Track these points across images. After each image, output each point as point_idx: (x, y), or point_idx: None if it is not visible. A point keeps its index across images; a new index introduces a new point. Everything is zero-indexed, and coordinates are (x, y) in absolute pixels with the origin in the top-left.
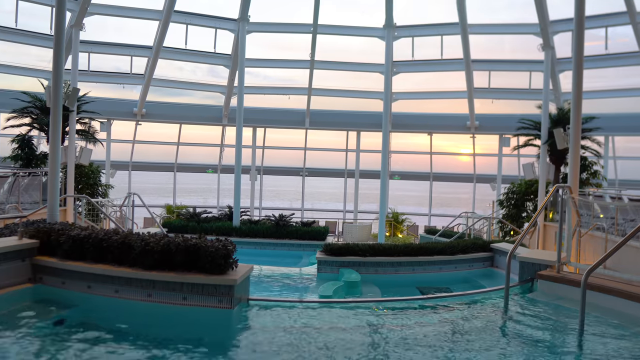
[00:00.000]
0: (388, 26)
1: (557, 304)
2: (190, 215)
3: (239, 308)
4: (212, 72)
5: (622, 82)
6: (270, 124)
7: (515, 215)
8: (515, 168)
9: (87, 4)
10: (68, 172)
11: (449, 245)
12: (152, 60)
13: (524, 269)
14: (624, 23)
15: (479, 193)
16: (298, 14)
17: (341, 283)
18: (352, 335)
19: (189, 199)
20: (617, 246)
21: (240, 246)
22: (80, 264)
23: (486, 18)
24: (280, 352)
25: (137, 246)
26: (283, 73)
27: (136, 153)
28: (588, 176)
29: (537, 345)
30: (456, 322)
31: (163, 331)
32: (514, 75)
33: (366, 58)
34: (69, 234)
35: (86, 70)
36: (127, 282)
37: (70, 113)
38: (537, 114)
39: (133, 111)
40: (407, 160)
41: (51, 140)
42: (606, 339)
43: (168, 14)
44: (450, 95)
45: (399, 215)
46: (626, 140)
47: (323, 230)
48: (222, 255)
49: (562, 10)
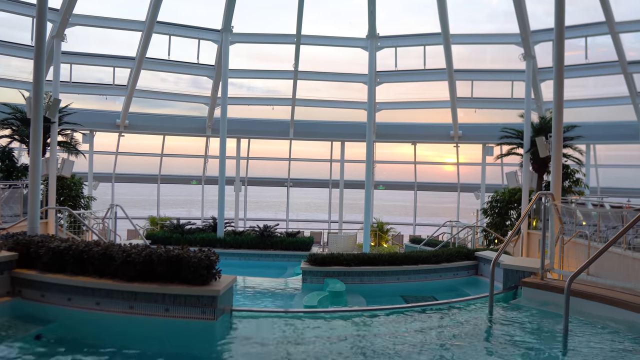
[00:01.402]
0: (371, 36)
1: (541, 311)
2: (174, 226)
3: (222, 319)
4: (196, 83)
5: (602, 91)
6: (254, 134)
7: (499, 224)
8: (498, 177)
9: (68, 15)
10: (49, 184)
11: (433, 254)
12: (135, 71)
13: (508, 276)
14: (603, 33)
15: (463, 202)
16: (282, 25)
17: (326, 293)
18: (337, 344)
19: (173, 210)
20: (598, 253)
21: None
22: (60, 276)
23: (468, 28)
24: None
25: (119, 257)
26: (267, 84)
27: (119, 165)
28: (570, 184)
29: (522, 352)
30: (441, 330)
31: (145, 344)
32: (496, 85)
33: (350, 69)
34: (48, 246)
35: (68, 81)
36: (108, 294)
37: (51, 124)
38: (519, 123)
39: (116, 122)
40: (392, 170)
41: (32, 152)
42: (590, 345)
43: (151, 25)
44: (434, 105)
45: (384, 225)
46: (607, 148)
47: (308, 241)
48: (204, 266)
49: (543, 21)
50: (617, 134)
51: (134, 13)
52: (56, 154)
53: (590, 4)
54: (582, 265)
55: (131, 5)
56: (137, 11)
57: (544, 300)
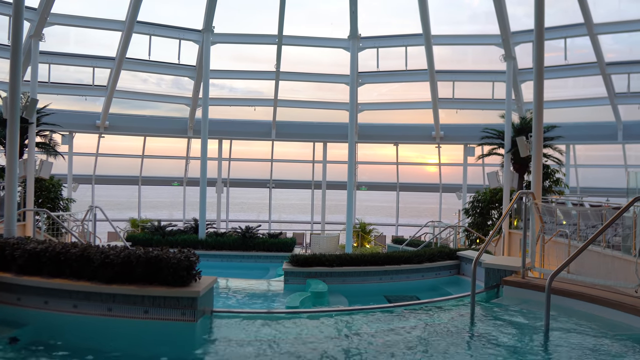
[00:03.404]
0: (353, 37)
1: (522, 309)
2: (155, 228)
3: (202, 321)
4: (177, 84)
5: (581, 92)
6: (236, 135)
7: (481, 224)
8: (480, 177)
9: (46, 14)
10: (27, 185)
11: (415, 254)
12: (115, 72)
13: (490, 275)
14: (582, 34)
15: (445, 202)
16: (263, 26)
17: (308, 294)
18: (319, 345)
19: (155, 212)
20: (578, 251)
21: (207, 259)
22: (36, 278)
23: (449, 29)
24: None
25: (97, 259)
26: (249, 85)
27: (99, 166)
28: (550, 184)
29: (503, 349)
30: (423, 329)
31: (124, 347)
32: (477, 86)
33: (332, 69)
34: (24, 248)
35: (47, 82)
36: (86, 297)
37: (29, 125)
38: (500, 124)
39: (96, 124)
40: (374, 171)
41: (8, 153)
42: (571, 341)
43: (131, 25)
44: (415, 105)
45: (367, 226)
46: (586, 148)
47: (290, 242)
48: (184, 267)
49: (523, 22)
50: (596, 134)
51: (114, 13)
52: (34, 155)
53: (570, 6)
54: (563, 263)
55: (111, 4)
56: (117, 11)
57: (525, 299)
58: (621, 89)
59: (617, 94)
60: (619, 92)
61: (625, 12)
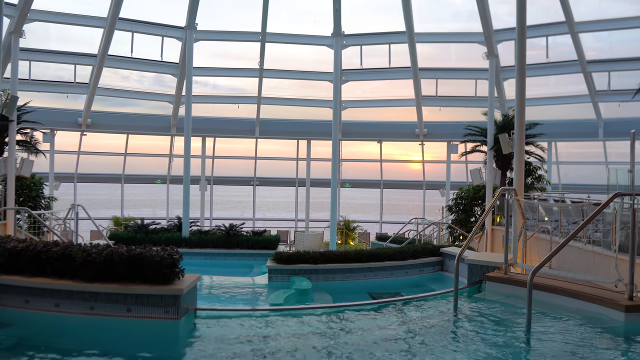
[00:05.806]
0: (336, 34)
1: (504, 304)
2: (138, 226)
3: (185, 318)
4: (160, 82)
5: (563, 90)
6: (219, 133)
7: (464, 220)
8: (463, 174)
9: (26, 10)
10: (8, 184)
11: (399, 250)
12: (97, 69)
13: (473, 271)
14: (563, 32)
15: (429, 199)
16: (247, 23)
17: (292, 291)
18: (304, 341)
19: (138, 210)
20: (559, 247)
21: (190, 257)
22: (17, 277)
23: (433, 27)
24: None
25: (79, 257)
26: (232, 82)
27: (82, 164)
28: (533, 180)
29: (486, 344)
30: (407, 324)
31: (106, 345)
32: (460, 83)
33: (316, 67)
34: (4, 247)
35: (27, 79)
36: (68, 295)
37: (10, 123)
38: (483, 121)
39: (78, 121)
40: (358, 169)
41: None
42: (552, 335)
43: (113, 22)
44: (399, 103)
45: (351, 223)
46: (568, 145)
47: (274, 239)
48: (167, 265)
49: (506, 20)
50: (577, 131)
51: (95, 9)
52: (15, 154)
53: (551, 4)
54: (544, 258)
55: (92, 1)
56: (99, 7)
57: (508, 294)
58: (602, 86)
59: (598, 92)
60: (600, 89)
61: (606, 10)
